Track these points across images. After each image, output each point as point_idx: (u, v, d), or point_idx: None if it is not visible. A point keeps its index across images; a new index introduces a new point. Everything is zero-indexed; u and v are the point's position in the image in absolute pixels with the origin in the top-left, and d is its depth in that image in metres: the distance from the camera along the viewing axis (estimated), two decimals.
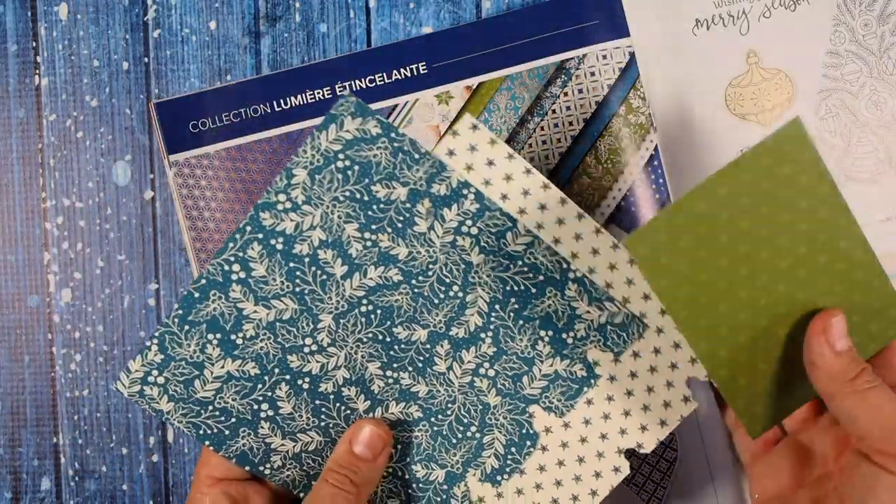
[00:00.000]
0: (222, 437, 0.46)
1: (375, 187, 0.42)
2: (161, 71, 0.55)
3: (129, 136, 0.55)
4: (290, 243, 0.43)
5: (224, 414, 0.46)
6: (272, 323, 0.44)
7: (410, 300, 0.45)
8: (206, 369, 0.45)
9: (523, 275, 0.45)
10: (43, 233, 0.56)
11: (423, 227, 0.43)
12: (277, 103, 0.54)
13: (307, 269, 0.43)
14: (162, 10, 0.55)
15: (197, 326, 0.44)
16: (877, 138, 0.54)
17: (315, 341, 0.45)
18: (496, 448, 0.48)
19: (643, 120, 0.53)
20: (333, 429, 0.47)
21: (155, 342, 0.44)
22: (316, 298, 0.44)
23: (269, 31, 0.55)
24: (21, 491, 0.56)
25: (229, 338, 0.44)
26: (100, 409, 0.56)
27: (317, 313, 0.44)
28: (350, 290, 0.44)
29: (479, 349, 0.46)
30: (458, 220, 0.43)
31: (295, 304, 0.44)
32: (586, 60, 0.53)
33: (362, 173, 0.42)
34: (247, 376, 0.45)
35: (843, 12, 0.53)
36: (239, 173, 0.54)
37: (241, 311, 0.44)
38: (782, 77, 0.54)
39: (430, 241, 0.44)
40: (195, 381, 0.45)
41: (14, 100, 0.55)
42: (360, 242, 0.43)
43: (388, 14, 0.55)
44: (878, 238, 0.53)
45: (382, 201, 0.42)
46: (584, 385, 0.47)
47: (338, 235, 0.43)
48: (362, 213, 0.43)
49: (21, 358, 0.56)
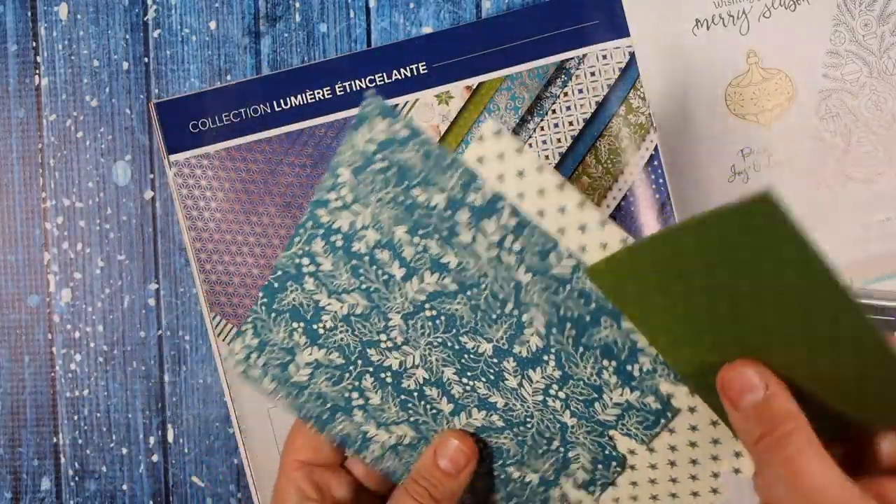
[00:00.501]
0: (322, 421, 0.46)
1: (415, 191, 0.40)
2: (161, 71, 0.55)
3: (129, 136, 0.55)
4: (349, 241, 0.42)
5: (320, 398, 0.45)
6: (347, 316, 0.43)
7: (469, 311, 0.43)
8: (297, 355, 0.44)
9: (574, 300, 0.42)
10: (43, 233, 0.56)
11: (467, 237, 0.41)
12: (277, 103, 0.54)
13: (368, 268, 0.42)
14: (162, 10, 0.55)
15: (282, 315, 0.43)
16: (877, 138, 0.54)
17: (389, 338, 0.44)
18: (583, 463, 0.46)
19: (643, 120, 0.53)
20: (423, 426, 0.46)
21: (249, 326, 0.44)
22: (382, 297, 0.43)
23: (269, 31, 0.55)
24: (21, 491, 0.56)
25: (311, 327, 0.44)
26: (100, 409, 0.56)
27: (385, 311, 0.43)
28: (412, 293, 0.43)
29: (545, 371, 0.44)
30: (500, 234, 0.41)
31: (364, 301, 0.43)
32: (586, 60, 0.53)
33: (401, 176, 0.40)
34: (333, 365, 0.44)
35: (843, 12, 0.53)
36: (239, 173, 0.54)
37: (317, 302, 0.43)
38: (782, 77, 0.54)
39: (476, 252, 0.41)
40: (289, 366, 0.45)
41: (14, 100, 0.55)
42: (412, 247, 0.41)
43: (388, 14, 0.55)
44: (879, 238, 0.54)
45: (424, 206, 0.41)
46: (660, 417, 0.44)
47: (389, 237, 0.41)
48: (408, 216, 0.41)
49: (21, 358, 0.56)
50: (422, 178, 0.40)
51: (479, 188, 0.40)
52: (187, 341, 0.55)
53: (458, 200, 0.41)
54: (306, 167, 0.54)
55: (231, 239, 0.54)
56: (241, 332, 0.44)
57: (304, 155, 0.54)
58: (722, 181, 0.54)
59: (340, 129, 0.54)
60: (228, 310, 0.54)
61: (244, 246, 0.54)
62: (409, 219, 0.41)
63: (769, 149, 0.54)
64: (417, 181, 0.40)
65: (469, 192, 0.40)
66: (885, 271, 0.54)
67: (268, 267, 0.54)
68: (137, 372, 0.56)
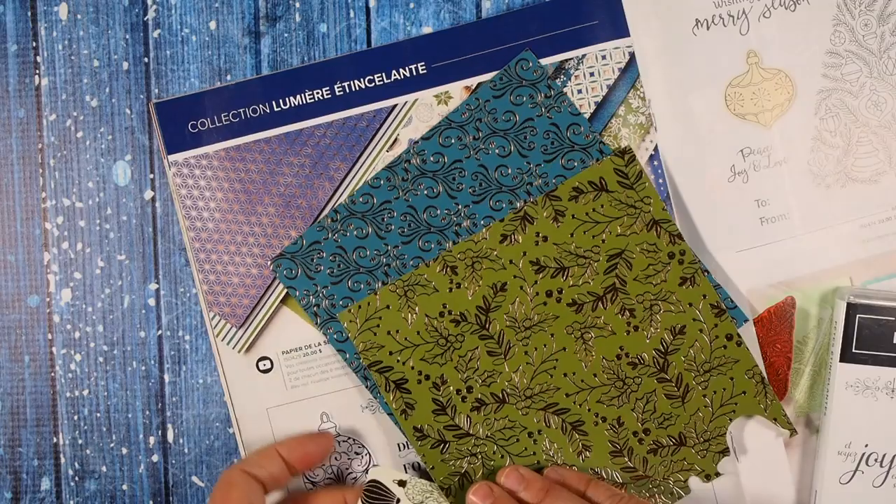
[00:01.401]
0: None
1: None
2: (161, 71, 0.55)
3: (129, 136, 0.55)
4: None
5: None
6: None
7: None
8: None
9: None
10: (43, 233, 0.56)
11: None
12: (277, 103, 0.54)
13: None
14: (162, 10, 0.55)
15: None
16: (877, 138, 0.54)
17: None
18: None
19: (643, 120, 0.53)
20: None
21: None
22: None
23: (269, 31, 0.55)
24: (21, 491, 0.56)
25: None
26: (100, 409, 0.56)
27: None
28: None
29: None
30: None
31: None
32: (585, 61, 0.53)
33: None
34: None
35: (843, 12, 0.53)
36: (238, 173, 0.54)
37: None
38: (782, 77, 0.54)
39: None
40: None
41: (14, 100, 0.56)
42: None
43: (388, 14, 0.55)
44: (879, 238, 0.53)
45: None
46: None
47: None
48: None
49: (21, 358, 0.56)
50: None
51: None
52: (187, 341, 0.55)
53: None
54: (305, 167, 0.54)
55: (230, 239, 0.54)
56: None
57: (304, 155, 0.54)
58: (722, 181, 0.54)
59: (339, 130, 0.54)
60: (227, 310, 0.54)
61: (243, 245, 0.54)
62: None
63: (769, 149, 0.54)
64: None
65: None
66: (885, 271, 0.54)
67: (267, 267, 0.54)
68: (137, 372, 0.56)
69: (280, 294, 0.54)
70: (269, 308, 0.54)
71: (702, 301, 0.43)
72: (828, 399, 0.53)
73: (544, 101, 0.52)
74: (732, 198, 0.54)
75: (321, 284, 0.53)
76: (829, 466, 0.52)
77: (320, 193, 0.53)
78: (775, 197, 0.54)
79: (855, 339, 0.51)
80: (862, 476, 0.52)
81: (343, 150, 0.54)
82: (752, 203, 0.54)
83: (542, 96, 0.52)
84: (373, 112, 0.54)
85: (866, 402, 0.52)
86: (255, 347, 0.54)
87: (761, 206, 0.54)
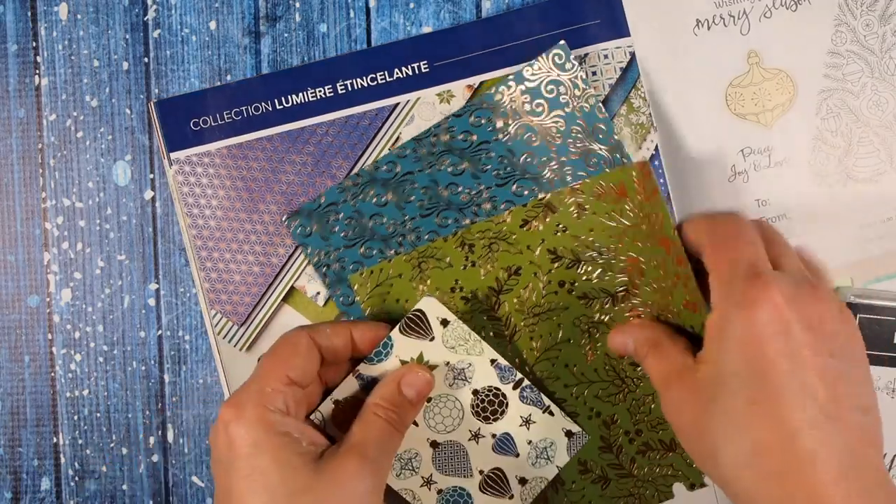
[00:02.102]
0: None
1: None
2: (161, 71, 0.55)
3: (129, 136, 0.55)
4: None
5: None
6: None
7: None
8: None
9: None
10: (43, 233, 0.56)
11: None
12: (279, 101, 0.54)
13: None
14: (162, 10, 0.55)
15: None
16: (878, 138, 0.54)
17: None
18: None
19: (644, 120, 0.53)
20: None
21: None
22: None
23: (269, 31, 0.55)
24: (21, 491, 0.56)
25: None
26: (100, 409, 0.56)
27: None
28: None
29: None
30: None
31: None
32: (588, 60, 0.53)
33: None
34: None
35: (845, 12, 0.53)
36: (240, 171, 0.54)
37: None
38: (783, 77, 0.54)
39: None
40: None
41: (14, 100, 0.55)
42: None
43: (388, 14, 0.55)
44: (879, 238, 0.54)
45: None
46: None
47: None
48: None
49: (21, 358, 0.56)
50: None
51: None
52: (187, 341, 0.55)
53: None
54: (307, 165, 0.54)
55: (232, 237, 0.54)
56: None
57: (305, 153, 0.54)
58: (722, 181, 0.54)
59: (341, 128, 0.54)
60: (228, 307, 0.54)
61: (245, 244, 0.54)
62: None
63: (770, 149, 0.54)
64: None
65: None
66: (885, 271, 0.54)
67: (268, 265, 0.54)
68: (137, 372, 0.56)
69: (282, 293, 0.54)
70: (270, 306, 0.54)
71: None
72: None
73: (577, 96, 0.52)
74: (732, 198, 0.54)
75: (334, 246, 0.53)
76: None
77: (322, 191, 0.53)
78: (775, 197, 0.54)
79: None
80: None
81: (345, 148, 0.54)
82: (753, 203, 0.54)
83: (577, 90, 0.52)
84: (375, 110, 0.54)
85: None
86: (257, 346, 0.54)
87: (761, 206, 0.54)
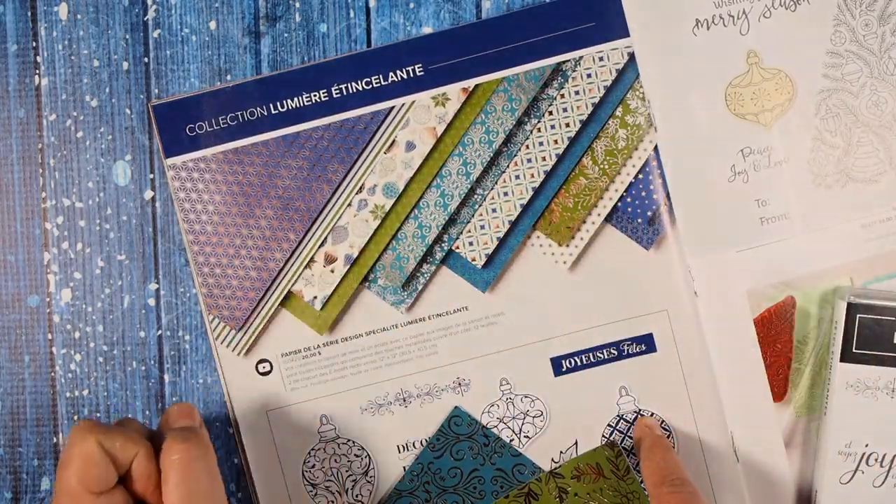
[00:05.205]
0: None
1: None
2: (161, 71, 0.55)
3: (129, 136, 0.55)
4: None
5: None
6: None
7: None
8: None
9: None
10: (43, 233, 0.56)
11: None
12: (274, 106, 0.54)
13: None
14: (162, 10, 0.55)
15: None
16: (877, 138, 0.53)
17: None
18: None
19: (642, 120, 0.53)
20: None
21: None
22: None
23: (269, 31, 0.55)
24: (21, 491, 0.56)
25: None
26: (100, 409, 0.56)
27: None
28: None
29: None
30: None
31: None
32: (582, 62, 0.53)
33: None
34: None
35: (844, 12, 0.53)
36: (236, 176, 0.54)
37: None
38: (783, 77, 0.53)
39: None
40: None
41: (14, 100, 0.56)
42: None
43: (388, 14, 0.55)
44: (879, 238, 0.53)
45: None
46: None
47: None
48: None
49: (21, 358, 0.56)
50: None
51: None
52: (187, 341, 0.56)
53: None
54: (303, 170, 0.54)
55: (229, 242, 0.54)
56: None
57: (301, 158, 0.54)
58: (722, 181, 0.54)
59: (337, 132, 0.53)
60: (226, 312, 0.54)
61: (242, 249, 0.54)
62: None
63: (769, 149, 0.54)
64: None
65: None
66: (885, 271, 0.54)
67: (265, 270, 0.54)
68: (137, 372, 0.56)
69: (279, 296, 0.54)
70: (268, 311, 0.54)
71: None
72: (828, 399, 0.53)
73: (484, 450, 0.54)
74: (732, 198, 0.54)
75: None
76: (829, 466, 0.52)
77: (318, 196, 0.53)
78: (775, 197, 0.54)
79: (855, 338, 0.51)
80: (862, 476, 0.52)
81: (341, 152, 0.54)
82: (752, 203, 0.54)
83: (480, 447, 0.54)
84: (370, 114, 0.53)
85: (866, 402, 0.52)
86: (255, 350, 0.54)
87: (761, 206, 0.54)
